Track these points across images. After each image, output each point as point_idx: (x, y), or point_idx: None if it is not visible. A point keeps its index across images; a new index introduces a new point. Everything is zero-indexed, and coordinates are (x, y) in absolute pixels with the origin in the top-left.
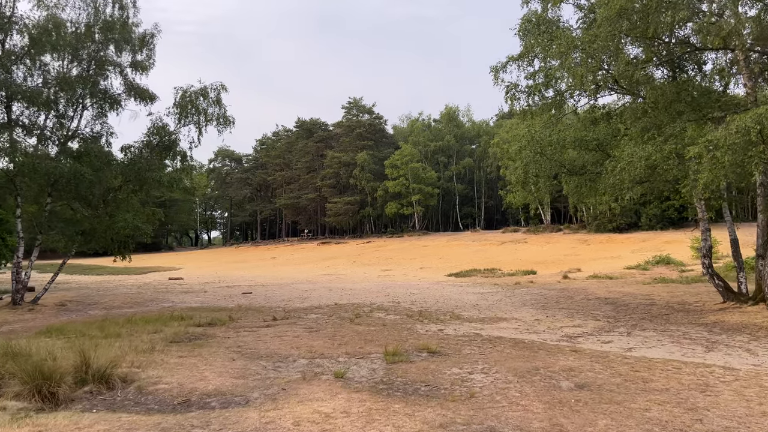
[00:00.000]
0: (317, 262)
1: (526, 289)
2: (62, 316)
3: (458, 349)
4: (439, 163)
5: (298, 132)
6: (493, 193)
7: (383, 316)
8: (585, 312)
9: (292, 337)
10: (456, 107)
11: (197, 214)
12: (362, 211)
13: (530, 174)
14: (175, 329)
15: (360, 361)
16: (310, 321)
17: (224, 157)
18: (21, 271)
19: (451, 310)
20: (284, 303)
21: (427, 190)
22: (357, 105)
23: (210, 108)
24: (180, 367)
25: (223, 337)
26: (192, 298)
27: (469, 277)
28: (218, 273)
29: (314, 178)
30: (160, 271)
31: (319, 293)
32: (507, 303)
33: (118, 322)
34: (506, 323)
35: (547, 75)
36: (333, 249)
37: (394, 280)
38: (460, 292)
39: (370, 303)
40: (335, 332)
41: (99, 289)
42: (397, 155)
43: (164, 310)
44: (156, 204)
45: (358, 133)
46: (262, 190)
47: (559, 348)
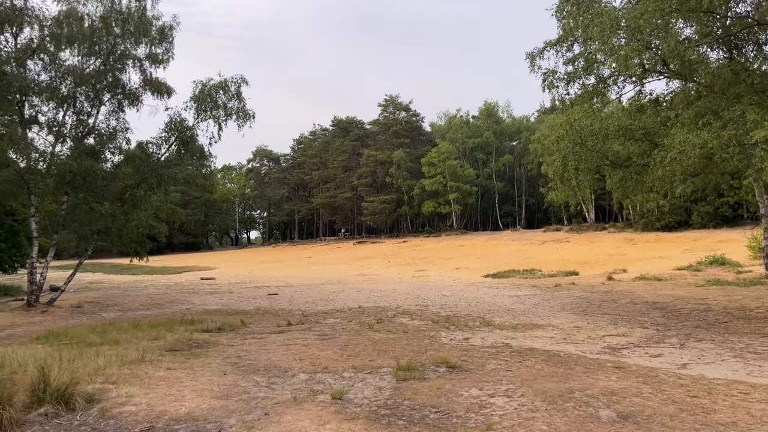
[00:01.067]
0: (351, 262)
1: (567, 292)
2: (73, 318)
3: (482, 364)
4: (477, 161)
5: (334, 131)
6: (534, 191)
7: (406, 322)
8: (631, 318)
9: (301, 345)
10: (495, 103)
11: (236, 214)
12: (399, 210)
13: (569, 167)
14: (178, 335)
15: (367, 377)
16: (326, 326)
17: (262, 157)
18: (35, 271)
19: (483, 315)
20: (307, 306)
21: (465, 188)
22: (393, 102)
23: (230, 102)
24: (161, 383)
25: (226, 345)
26: (215, 300)
27: (507, 278)
28: (251, 273)
29: (350, 176)
30: (195, 270)
31: (347, 295)
32: (544, 307)
33: (123, 326)
34: (541, 331)
35: (587, 60)
36: (368, 249)
37: (427, 281)
38: (495, 295)
39: (396, 306)
40: (349, 340)
41: (127, 289)
42: (434, 152)
43: (179, 313)
44: (196, 204)
45: (394, 131)
46: (300, 190)
47: (599, 363)
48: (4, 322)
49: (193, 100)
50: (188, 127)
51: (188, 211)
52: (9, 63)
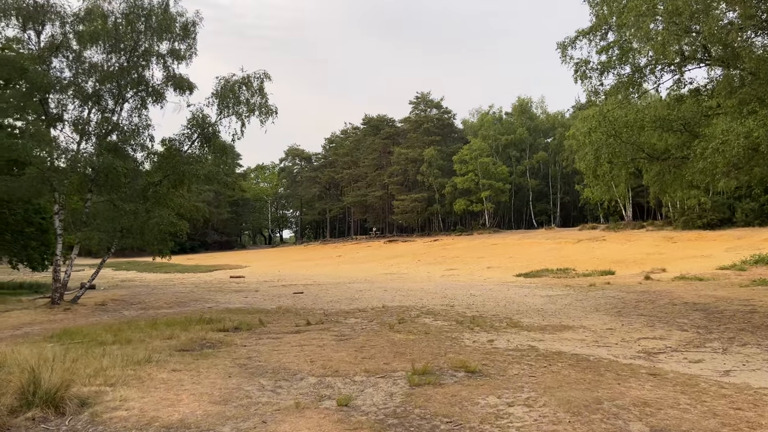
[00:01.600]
0: (381, 261)
1: (601, 292)
2: (94, 316)
3: (504, 369)
4: (510, 158)
5: (365, 129)
6: (569, 189)
7: (429, 322)
8: (669, 320)
9: (316, 346)
10: (529, 99)
11: (269, 213)
12: (430, 209)
13: (602, 160)
14: (193, 335)
15: (379, 381)
16: (346, 326)
17: (294, 156)
18: (59, 269)
19: (510, 315)
20: (330, 305)
21: (498, 186)
22: (425, 100)
23: (252, 98)
24: (161, 386)
25: (239, 346)
26: (239, 298)
27: (540, 277)
28: (281, 271)
29: (381, 175)
30: (226, 269)
31: (372, 294)
32: (577, 307)
33: (140, 325)
34: (571, 333)
35: (622, 48)
36: (399, 247)
37: (457, 281)
38: (526, 295)
39: (421, 306)
40: (366, 342)
41: (155, 287)
42: (465, 150)
43: (200, 311)
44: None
45: (425, 129)
46: (331, 189)
47: (632, 369)
48: (26, 319)
49: (215, 96)
50: (210, 124)
51: (221, 210)
52: (33, 61)
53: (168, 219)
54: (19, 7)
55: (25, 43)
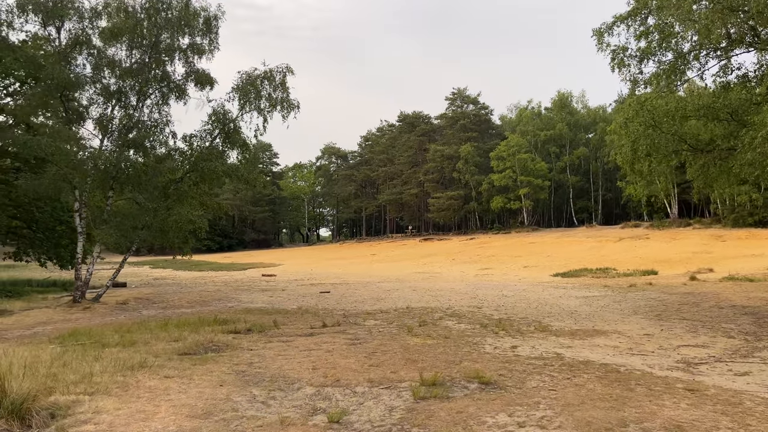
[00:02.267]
0: (415, 260)
1: (642, 293)
2: (111, 316)
3: (522, 380)
4: (550, 154)
5: (401, 126)
6: (611, 185)
7: (452, 325)
8: (714, 325)
9: (324, 351)
10: (569, 93)
11: (305, 211)
12: (466, 207)
13: (640, 152)
14: (201, 337)
15: (383, 393)
16: (362, 329)
17: (330, 155)
18: (81, 268)
19: (540, 318)
20: (353, 305)
21: (537, 183)
22: (461, 95)
23: (275, 92)
24: (144, 395)
25: (245, 349)
26: (263, 298)
27: (578, 277)
28: (313, 270)
29: (417, 172)
30: (260, 267)
31: (400, 294)
32: (613, 310)
33: (151, 326)
34: (604, 338)
35: (663, 32)
36: (434, 246)
37: (491, 280)
38: (561, 296)
39: (447, 307)
40: (379, 346)
41: (184, 285)
42: (503, 146)
43: (219, 311)
44: (267, 201)
45: (462, 125)
46: (367, 187)
47: (668, 383)
48: (42, 318)
49: (235, 90)
50: (231, 119)
51: (258, 209)
52: (54, 58)
53: (186, 217)
54: (37, 2)
55: (50, 41)
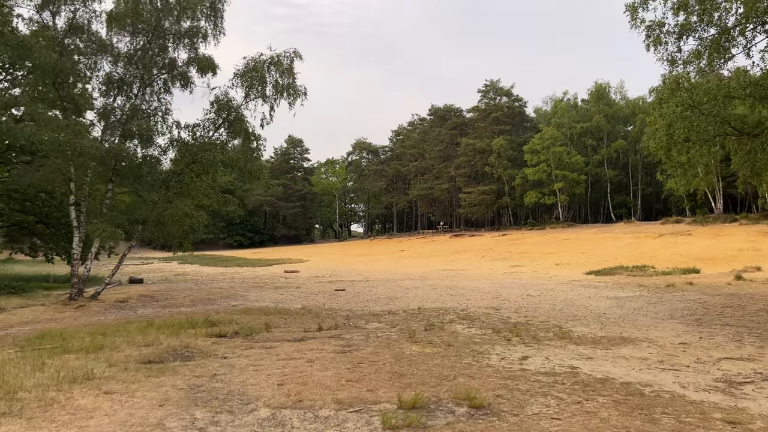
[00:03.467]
0: (443, 256)
1: (680, 294)
2: (101, 315)
3: (521, 404)
4: (586, 147)
5: (431, 120)
6: (651, 180)
7: (461, 330)
8: (762, 332)
9: (304, 361)
10: (606, 84)
11: (336, 207)
12: (499, 202)
13: (677, 136)
14: (177, 342)
15: (348, 418)
16: (360, 334)
17: (361, 150)
18: (77, 264)
19: (563, 322)
20: (363, 305)
21: (572, 177)
22: (494, 87)
23: (282, 78)
24: (63, 418)
25: (217, 357)
26: (273, 296)
27: (613, 275)
28: (337, 266)
29: (448, 167)
30: (287, 263)
31: (417, 293)
32: (647, 313)
33: (130, 328)
34: (631, 348)
35: (704, 3)
36: (464, 242)
37: (519, 278)
38: (591, 296)
39: (462, 308)
40: (369, 356)
41: (200, 281)
42: (536, 139)
43: (216, 311)
44: (298, 197)
45: (494, 118)
46: (397, 182)
47: (702, 412)
48: (28, 317)
49: (238, 76)
50: (234, 107)
51: (289, 204)
52: (49, 44)
53: (183, 210)
54: None
55: (48, 28)
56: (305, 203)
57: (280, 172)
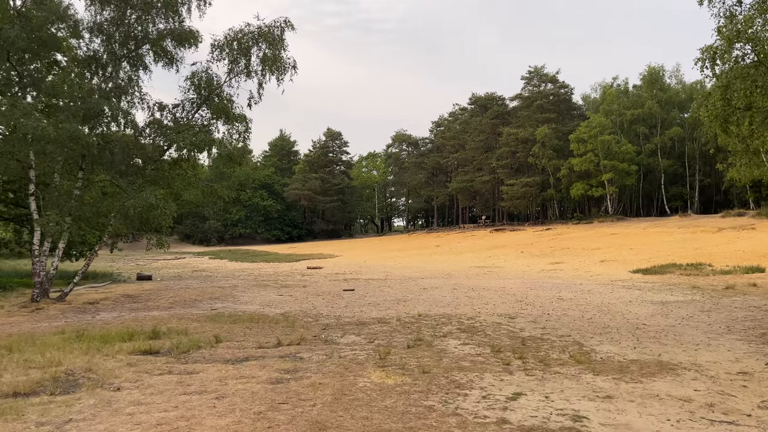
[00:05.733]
0: (480, 252)
1: (741, 298)
2: (51, 321)
3: None
4: (638, 135)
5: (472, 109)
6: (710, 170)
7: (452, 347)
8: None
9: (213, 398)
10: (660, 67)
11: (376, 201)
12: (543, 194)
13: (735, 101)
14: (86, 361)
15: None
16: (321, 353)
17: (401, 142)
18: (38, 261)
19: (587, 337)
20: (360, 310)
21: (622, 167)
22: (538, 74)
23: (270, 50)
24: None
25: (107, 388)
26: (268, 297)
27: (663, 274)
28: (365, 262)
29: (489, 158)
30: (317, 258)
31: (432, 294)
32: (698, 324)
33: (49, 342)
34: (670, 381)
35: None
36: (504, 237)
37: (555, 277)
38: (632, 300)
39: (472, 315)
40: (303, 390)
41: (206, 278)
42: (583, 127)
43: (180, 316)
44: (336, 191)
45: (538, 105)
46: (437, 174)
47: None
48: None
49: (214, 47)
50: (218, 85)
51: (327, 198)
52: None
53: (147, 201)
54: None
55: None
56: (344, 197)
57: (318, 165)
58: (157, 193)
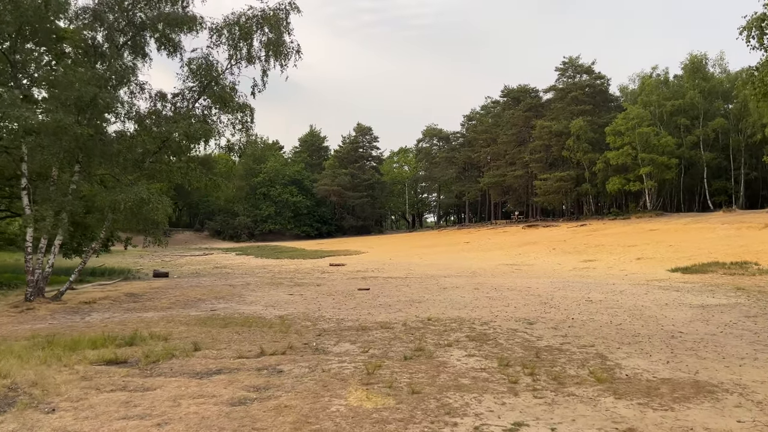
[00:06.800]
0: (510, 249)
1: None
2: (32, 323)
3: None
4: (678, 127)
5: (505, 102)
6: (757, 162)
7: (454, 360)
8: None
9: (152, 425)
10: (703, 55)
11: (406, 196)
12: (578, 189)
13: None
14: (33, 374)
15: None
16: (304, 365)
17: (432, 137)
18: (31, 259)
19: (613, 348)
20: (366, 312)
21: (661, 161)
22: (573, 65)
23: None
24: None
25: (38, 408)
26: (275, 298)
27: (704, 273)
28: (390, 259)
29: (522, 152)
30: (342, 255)
31: (450, 295)
32: (742, 333)
33: (13, 349)
34: (708, 408)
35: None
36: (537, 233)
37: (587, 276)
38: (669, 303)
39: (487, 320)
40: (262, 416)
41: (220, 276)
42: (620, 119)
43: (170, 318)
44: (366, 186)
45: (573, 97)
46: (469, 169)
47: None
48: None
49: (212, 31)
50: (218, 73)
51: (357, 194)
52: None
53: (138, 195)
54: None
55: None
56: (373, 193)
57: (348, 161)
58: (150, 187)
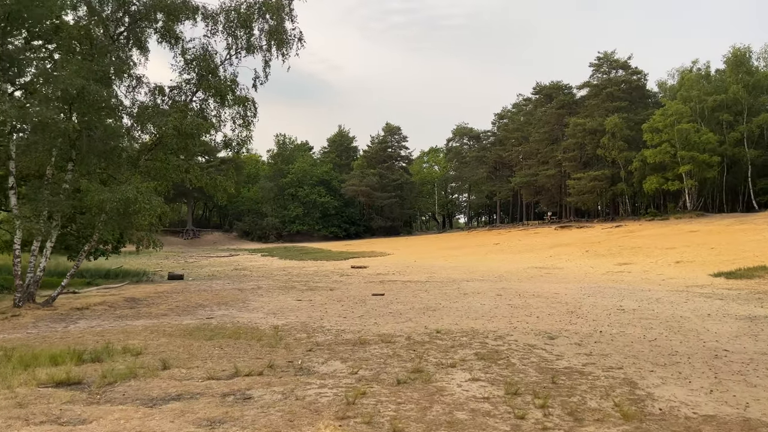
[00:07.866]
0: (541, 251)
1: None
2: (10, 332)
3: None
4: (720, 123)
5: (537, 99)
6: None
7: (454, 386)
8: None
9: None
10: (747, 48)
11: (436, 197)
12: (613, 188)
13: None
14: None
15: None
16: (277, 392)
17: (462, 136)
18: (19, 262)
19: (644, 372)
20: (373, 322)
21: (702, 159)
22: (608, 60)
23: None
24: None
25: None
26: (281, 303)
27: (750, 278)
28: (414, 261)
29: (554, 151)
30: (367, 256)
31: (469, 302)
32: None
33: None
34: None
35: None
36: (570, 234)
37: (621, 280)
38: (711, 313)
39: (503, 334)
40: None
41: (233, 278)
42: (658, 116)
43: (160, 326)
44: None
45: (608, 93)
46: (500, 169)
47: None
48: None
49: (206, 17)
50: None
51: (385, 195)
52: None
53: (123, 195)
54: None
55: None
56: (402, 193)
57: (376, 161)
58: (140, 186)
